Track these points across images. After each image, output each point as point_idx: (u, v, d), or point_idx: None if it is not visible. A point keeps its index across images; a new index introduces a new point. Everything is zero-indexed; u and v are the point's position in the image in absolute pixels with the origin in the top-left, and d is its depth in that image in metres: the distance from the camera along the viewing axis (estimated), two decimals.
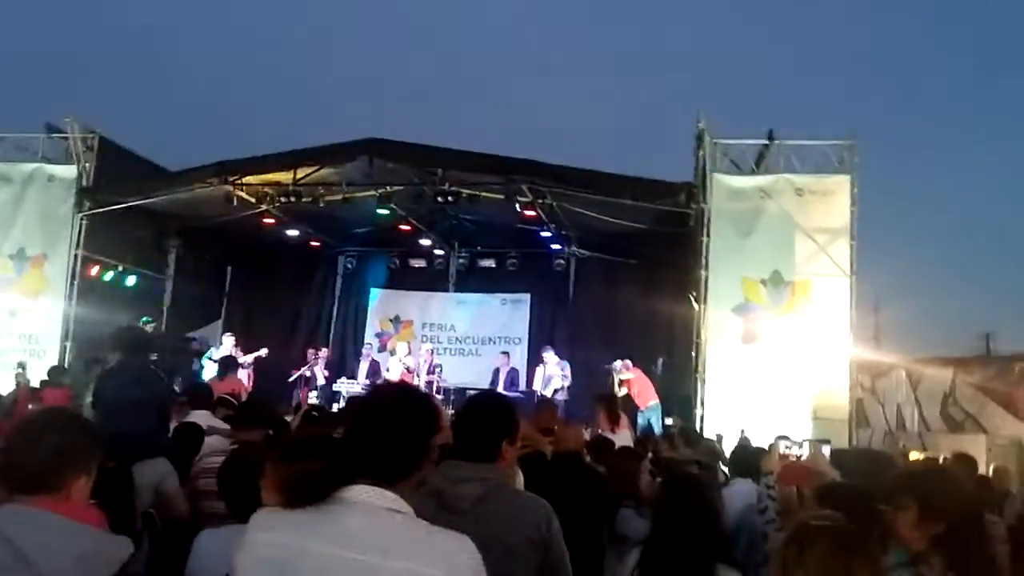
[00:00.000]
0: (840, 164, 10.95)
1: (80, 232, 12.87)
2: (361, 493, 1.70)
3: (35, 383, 10.37)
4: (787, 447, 3.23)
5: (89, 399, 6.15)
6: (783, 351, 10.45)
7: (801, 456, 3.17)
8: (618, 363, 12.17)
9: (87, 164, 12.90)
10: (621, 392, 11.52)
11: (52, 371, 10.74)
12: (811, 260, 10.64)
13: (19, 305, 12.74)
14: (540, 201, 12.19)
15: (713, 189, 10.94)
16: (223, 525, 3.01)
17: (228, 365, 10.63)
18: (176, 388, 8.32)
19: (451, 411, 8.92)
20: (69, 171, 12.96)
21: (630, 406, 11.04)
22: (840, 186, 10.81)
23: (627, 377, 11.95)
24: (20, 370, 9.47)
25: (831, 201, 10.79)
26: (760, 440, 7.77)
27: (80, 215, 12.84)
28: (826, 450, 3.62)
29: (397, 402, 1.84)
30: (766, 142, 11.24)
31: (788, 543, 1.77)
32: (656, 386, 12.05)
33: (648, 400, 11.71)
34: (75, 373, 11.10)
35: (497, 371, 14.23)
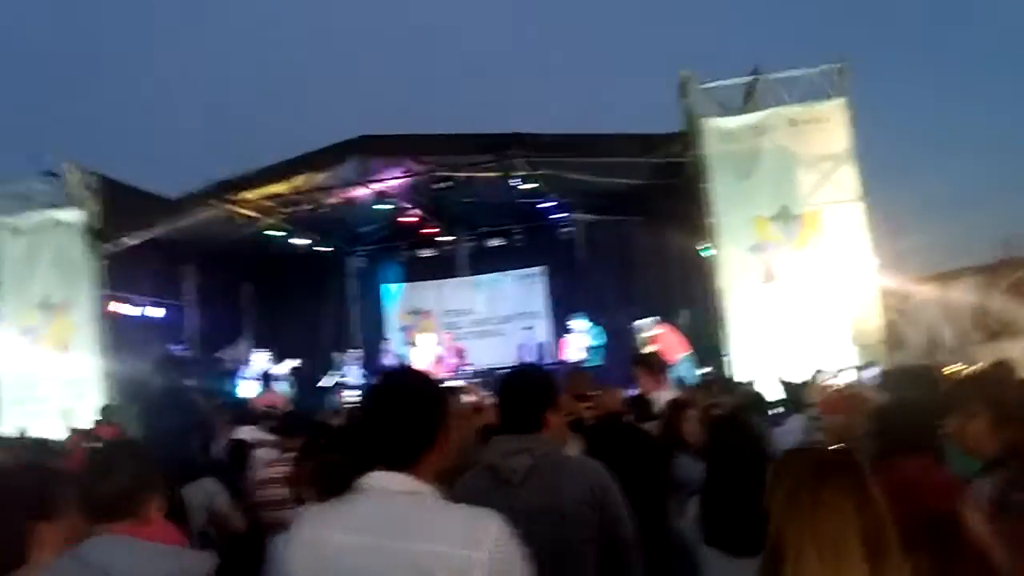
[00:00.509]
0: (832, 89, 10.86)
1: (99, 273, 12.99)
2: (377, 479, 1.74)
3: (82, 424, 10.58)
4: (827, 377, 3.25)
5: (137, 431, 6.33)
6: (804, 285, 10.44)
7: (841, 384, 3.19)
8: (644, 321, 12.21)
9: (93, 206, 12.98)
10: (649, 349, 11.57)
11: (104, 410, 10.99)
12: (817, 190, 10.59)
13: (53, 353, 12.94)
14: (536, 173, 12.19)
15: (705, 134, 10.88)
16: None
17: (264, 379, 10.78)
18: (218, 407, 8.47)
19: (485, 393, 9.04)
20: (75, 215, 13.05)
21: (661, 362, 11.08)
22: (835, 111, 10.73)
23: (654, 334, 11.98)
24: (68, 417, 9.67)
25: (828, 128, 10.70)
26: (794, 378, 7.84)
27: (95, 257, 12.96)
28: (873, 372, 3.62)
29: (401, 386, 1.87)
30: (752, 79, 11.15)
31: (770, 474, 1.74)
32: (685, 338, 12.07)
33: (677, 354, 11.76)
34: (121, 408, 11.32)
35: (522, 347, 14.33)
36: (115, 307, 13.27)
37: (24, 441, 8.97)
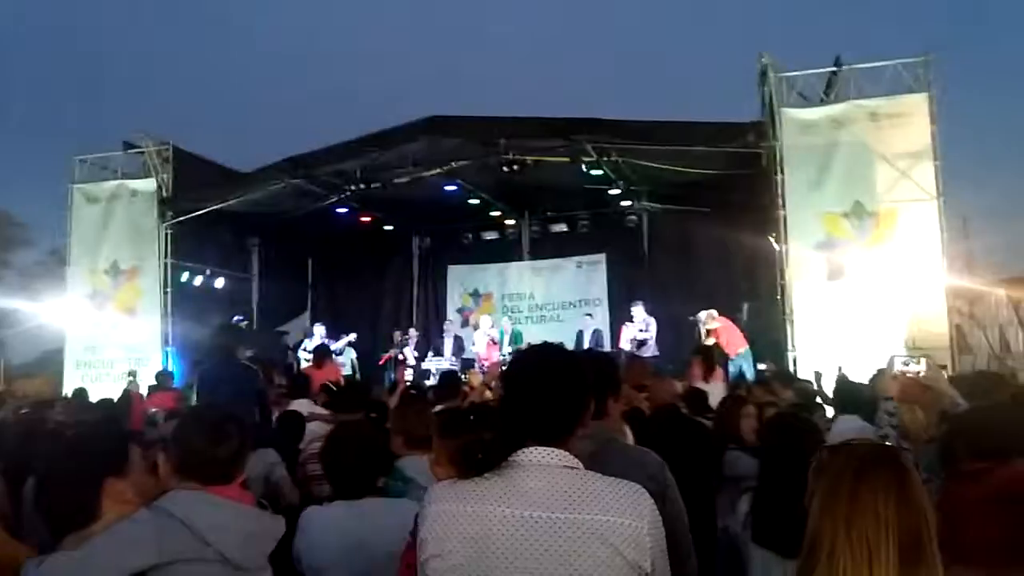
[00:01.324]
0: (915, 83, 10.45)
1: (167, 241, 13.43)
2: (534, 454, 1.75)
3: (143, 389, 10.95)
4: (904, 363, 3.05)
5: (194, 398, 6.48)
6: (873, 284, 10.11)
7: (919, 373, 3.00)
8: (703, 313, 12.01)
9: (164, 176, 13.40)
10: (709, 342, 11.38)
11: (159, 376, 11.35)
12: (894, 187, 10.23)
13: (119, 318, 13.43)
14: (605, 159, 12.04)
15: (783, 125, 10.59)
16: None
17: (323, 353, 10.95)
18: (276, 380, 8.63)
19: None
20: (149, 184, 13.52)
21: (720, 356, 10.90)
22: (917, 106, 10.33)
23: (713, 327, 11.78)
24: (132, 378, 10.05)
25: (909, 123, 10.32)
26: (858, 376, 7.60)
27: (164, 225, 13.39)
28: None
29: (553, 363, 1.87)
30: (834, 69, 10.80)
31: (812, 470, 1.69)
32: (744, 332, 11.86)
33: (738, 347, 11.54)
34: (180, 376, 11.69)
35: (581, 333, 14.25)
36: (183, 276, 13.69)
37: (88, 402, 9.32)
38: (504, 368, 2.01)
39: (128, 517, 2.15)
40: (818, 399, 7.07)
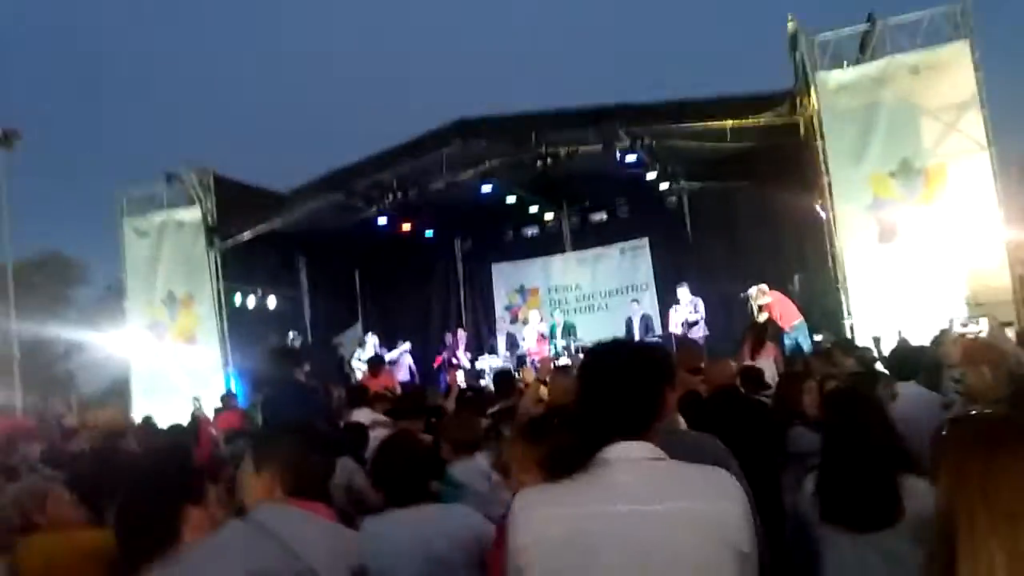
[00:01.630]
0: (954, 31, 10.11)
1: (217, 267, 13.74)
2: (620, 450, 1.75)
3: (209, 412, 11.20)
4: (963, 324, 2.97)
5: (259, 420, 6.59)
6: (927, 242, 9.84)
7: (980, 333, 2.91)
8: (753, 289, 11.80)
9: (208, 204, 13.70)
10: (762, 317, 11.20)
11: (224, 398, 11.62)
12: (941, 141, 9.92)
13: (180, 347, 13.80)
14: (639, 142, 11.92)
15: (819, 89, 10.35)
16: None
17: (377, 363, 11.09)
18: (334, 393, 8.76)
19: None
20: (194, 213, 13.85)
21: (775, 330, 10.73)
22: (959, 55, 9.98)
23: (765, 302, 11.58)
24: (197, 404, 10.33)
25: (951, 73, 9.98)
26: (920, 339, 7.41)
27: (213, 251, 13.69)
28: (1010, 333, 3.29)
29: (630, 357, 1.87)
30: (867, 26, 10.52)
31: (933, 446, 1.63)
32: (797, 304, 11.64)
33: (792, 320, 11.34)
34: (243, 396, 11.95)
35: (630, 320, 14.15)
36: (234, 298, 13.99)
37: (157, 428, 9.57)
38: (578, 366, 2.00)
39: (219, 529, 2.18)
40: (879, 366, 6.90)
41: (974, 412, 1.67)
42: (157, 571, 2.14)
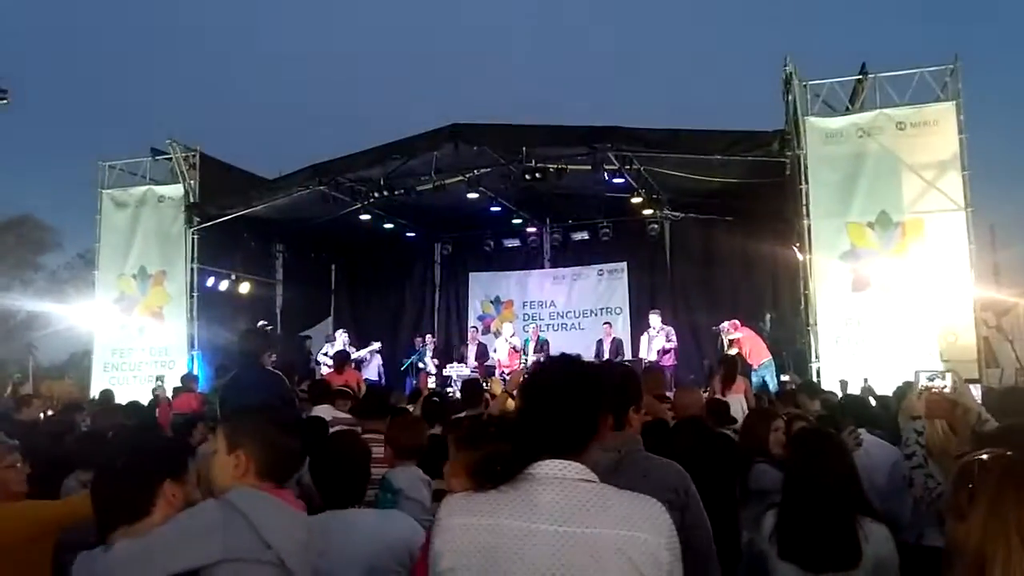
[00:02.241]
0: (943, 92, 10.35)
1: (193, 246, 13.60)
2: (550, 468, 1.72)
3: (169, 392, 11.07)
4: (929, 378, 3.00)
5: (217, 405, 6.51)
6: (898, 295, 10.03)
7: (945, 388, 2.96)
8: (726, 324, 11.95)
9: (191, 181, 13.58)
10: (731, 352, 11.32)
11: (184, 379, 11.48)
12: (921, 197, 10.14)
13: (146, 322, 13.61)
14: (627, 167, 12.03)
15: (807, 133, 10.54)
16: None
17: (343, 359, 11.02)
18: (297, 386, 8.68)
19: None
20: (176, 190, 13.71)
21: (743, 366, 10.84)
22: (944, 115, 10.22)
23: (735, 337, 11.72)
24: (159, 383, 10.25)
25: (936, 132, 10.22)
26: (883, 388, 7.53)
27: (191, 230, 13.55)
28: (975, 391, 3.36)
29: (569, 375, 1.85)
30: (859, 77, 10.74)
31: (956, 484, 1.67)
32: (767, 343, 11.78)
33: (760, 358, 11.47)
34: (205, 379, 11.81)
35: (601, 342, 14.22)
36: (208, 281, 13.84)
37: (115, 404, 9.44)
38: (523, 379, 2.00)
39: (195, 507, 2.19)
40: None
41: (996, 452, 1.73)
42: (119, 540, 2.15)
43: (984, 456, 1.67)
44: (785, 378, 11.09)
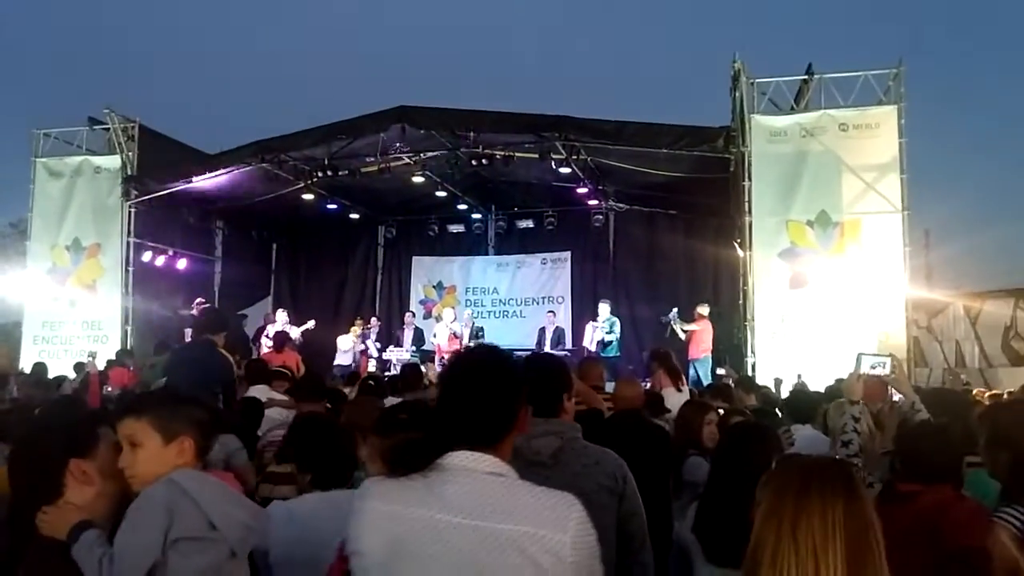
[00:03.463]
0: (886, 95, 10.58)
1: (130, 220, 13.19)
2: (461, 459, 1.70)
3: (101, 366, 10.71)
4: (872, 366, 3.03)
5: (161, 380, 6.38)
6: (834, 293, 10.26)
7: (885, 373, 3.00)
8: (674, 312, 12.10)
9: (129, 153, 13.15)
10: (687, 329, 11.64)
11: (119, 353, 11.17)
12: (860, 198, 10.37)
13: (79, 294, 13.18)
14: (575, 157, 12.04)
15: (752, 131, 10.67)
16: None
17: (283, 340, 10.83)
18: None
19: None
20: (114, 161, 13.27)
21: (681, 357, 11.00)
22: (886, 118, 10.45)
23: (692, 329, 11.89)
24: (91, 359, 9.97)
25: (877, 135, 10.45)
26: (816, 384, 7.70)
27: (128, 203, 13.13)
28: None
29: (486, 365, 1.83)
30: (805, 77, 10.91)
31: (764, 480, 1.68)
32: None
33: (703, 352, 11.66)
34: (140, 355, 11.48)
35: (543, 330, 14.27)
36: (145, 255, 13.46)
37: (46, 378, 9.12)
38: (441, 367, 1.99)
39: (140, 497, 2.17)
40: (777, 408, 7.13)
41: (797, 453, 1.77)
42: (47, 518, 2.16)
43: (784, 455, 1.67)
44: (721, 371, 11.25)
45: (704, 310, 12.15)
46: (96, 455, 2.30)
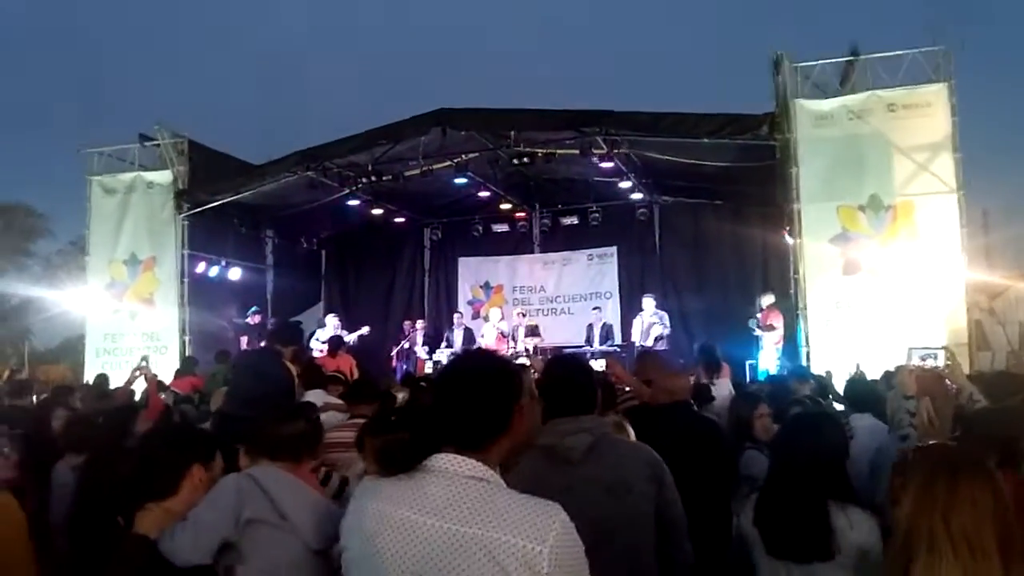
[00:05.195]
0: (935, 73, 10.28)
1: (183, 233, 13.53)
2: (443, 461, 1.72)
3: (161, 376, 11.01)
4: (922, 357, 2.95)
5: (222, 388, 6.55)
6: (889, 279, 10.01)
7: (938, 366, 2.91)
8: (767, 296, 11.92)
9: (180, 168, 13.50)
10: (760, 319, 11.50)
11: (185, 361, 11.49)
12: (912, 180, 10.09)
13: (137, 307, 13.58)
14: (616, 151, 11.96)
15: (797, 116, 10.46)
16: None
17: (336, 344, 10.98)
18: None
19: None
20: (165, 176, 13.64)
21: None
22: (937, 97, 10.15)
23: (769, 311, 11.69)
24: (144, 363, 10.25)
25: (928, 114, 10.16)
26: (874, 373, 7.53)
27: (180, 217, 13.47)
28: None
29: (476, 369, 1.84)
30: (850, 59, 10.66)
31: (896, 471, 1.70)
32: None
33: (777, 343, 11.51)
34: (204, 363, 11.79)
35: (591, 327, 14.22)
36: (199, 267, 13.79)
37: (107, 389, 9.36)
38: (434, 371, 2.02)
39: (217, 484, 2.47)
40: (831, 397, 7.01)
41: (935, 442, 1.74)
42: (148, 513, 2.41)
43: (922, 446, 1.68)
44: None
45: (767, 300, 11.91)
46: (213, 468, 2.59)
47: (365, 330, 13.94)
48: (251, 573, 2.36)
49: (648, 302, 13.31)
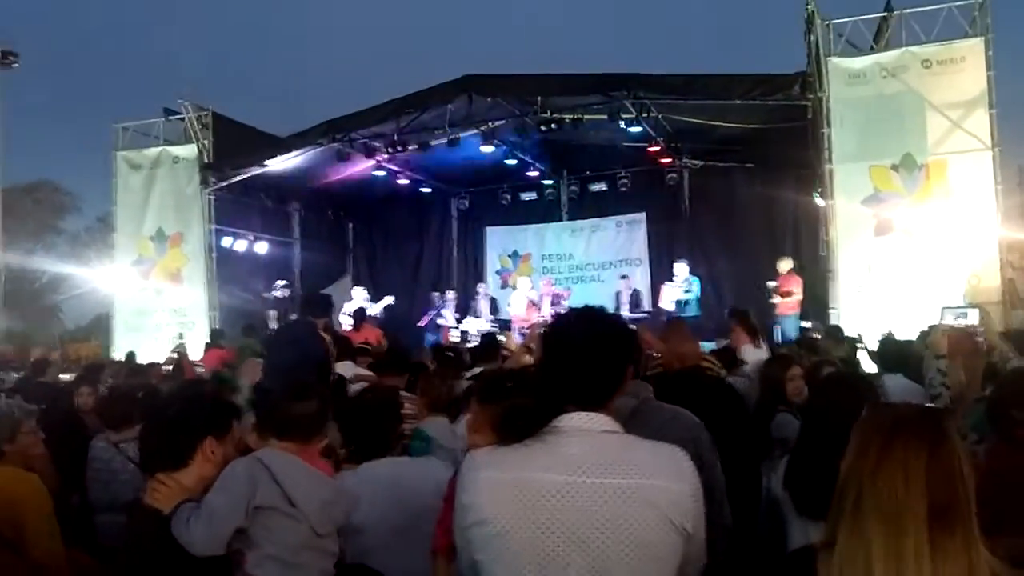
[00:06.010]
0: (971, 27, 9.98)
1: (210, 207, 13.61)
2: (575, 420, 1.73)
3: (191, 350, 11.18)
4: (956, 317, 2.90)
5: (251, 360, 6.64)
6: (922, 238, 9.82)
7: (972, 325, 2.86)
8: (784, 261, 11.59)
9: (205, 141, 13.53)
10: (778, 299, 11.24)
11: (213, 334, 11.64)
12: (946, 138, 9.83)
13: (164, 283, 13.71)
14: (645, 115, 11.79)
15: (830, 75, 10.22)
16: None
17: (361, 316, 11.04)
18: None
19: None
20: (190, 150, 13.69)
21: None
22: (972, 51, 9.86)
23: (786, 277, 11.42)
24: (180, 340, 10.43)
25: (962, 70, 9.87)
26: (906, 334, 7.41)
27: (207, 191, 13.54)
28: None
29: (599, 330, 1.83)
30: (884, 15, 10.38)
31: (853, 427, 1.62)
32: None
33: (791, 308, 11.30)
34: (230, 338, 11.92)
35: (619, 294, 14.15)
36: (226, 241, 13.88)
37: (138, 365, 9.52)
38: (544, 331, 1.98)
39: (227, 468, 2.44)
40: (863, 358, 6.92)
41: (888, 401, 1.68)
42: (158, 483, 2.41)
43: (875, 403, 1.60)
44: (807, 325, 10.95)
45: (784, 266, 11.63)
46: (227, 441, 2.55)
47: (390, 299, 13.96)
48: (260, 558, 2.38)
49: (680, 267, 13.16)
